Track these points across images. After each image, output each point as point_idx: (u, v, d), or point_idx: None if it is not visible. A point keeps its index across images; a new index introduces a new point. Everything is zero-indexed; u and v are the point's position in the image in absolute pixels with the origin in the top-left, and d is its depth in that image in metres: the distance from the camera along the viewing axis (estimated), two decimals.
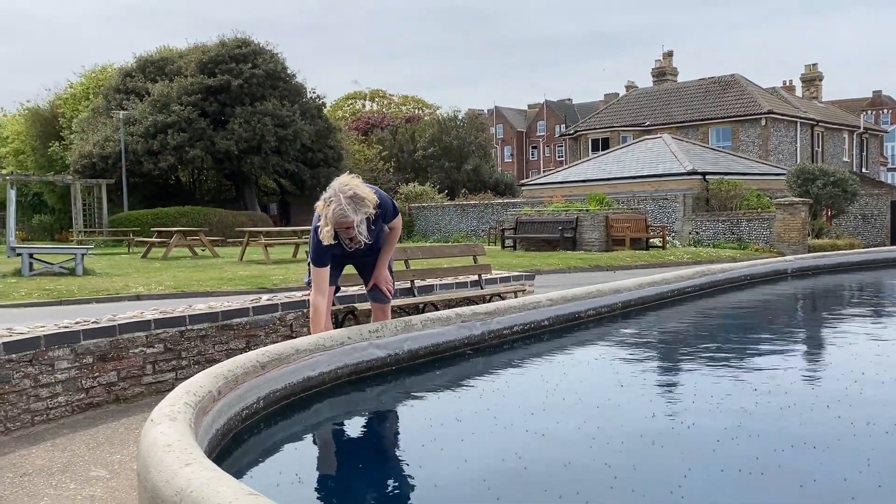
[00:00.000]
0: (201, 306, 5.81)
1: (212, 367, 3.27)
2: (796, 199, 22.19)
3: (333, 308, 5.42)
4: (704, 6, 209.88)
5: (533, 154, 79.39)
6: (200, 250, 20.46)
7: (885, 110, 65.16)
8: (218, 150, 30.71)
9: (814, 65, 43.98)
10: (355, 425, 3.87)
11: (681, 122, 36.60)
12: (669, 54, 43.60)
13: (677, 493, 2.67)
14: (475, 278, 7.57)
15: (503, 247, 22.74)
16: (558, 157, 70.01)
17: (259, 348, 3.70)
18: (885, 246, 23.51)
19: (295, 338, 4.43)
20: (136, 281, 12.60)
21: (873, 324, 6.72)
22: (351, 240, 4.17)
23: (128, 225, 27.57)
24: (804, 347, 5.76)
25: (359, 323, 5.71)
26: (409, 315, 5.54)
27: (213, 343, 5.49)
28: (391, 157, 43.52)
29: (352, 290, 6.25)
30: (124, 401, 5.02)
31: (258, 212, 33.63)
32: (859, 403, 3.75)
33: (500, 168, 60.33)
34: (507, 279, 8.05)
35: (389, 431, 3.81)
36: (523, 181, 37.29)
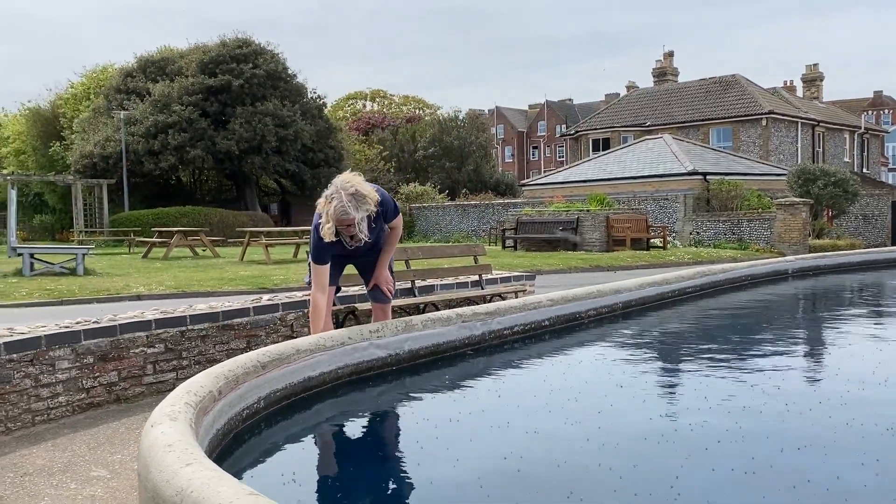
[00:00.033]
0: (202, 306, 5.81)
1: (212, 367, 3.28)
2: (797, 199, 22.18)
3: (334, 308, 5.42)
4: (705, 6, 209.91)
5: (534, 154, 79.38)
6: (201, 250, 20.47)
7: (886, 110, 65.12)
8: (219, 151, 30.74)
9: (815, 65, 43.97)
10: (356, 425, 3.88)
11: (681, 123, 36.59)
12: (670, 54, 43.59)
13: (677, 493, 2.67)
14: (476, 278, 7.57)
15: (504, 247, 22.74)
16: (559, 157, 70.01)
17: (260, 348, 3.70)
18: (885, 246, 23.50)
19: (296, 338, 4.44)
20: (136, 281, 12.61)
21: (874, 324, 6.73)
22: (352, 238, 4.18)
23: (129, 225, 27.60)
24: (804, 348, 5.76)
25: (359, 323, 5.72)
26: (410, 315, 5.54)
27: (213, 343, 5.49)
28: (392, 158, 43.54)
29: (352, 290, 6.25)
30: (125, 401, 5.02)
31: (259, 212, 33.65)
32: (860, 404, 3.75)
33: (500, 168, 60.34)
34: (508, 279, 8.05)
35: (390, 431, 3.82)
36: (524, 181, 37.28)
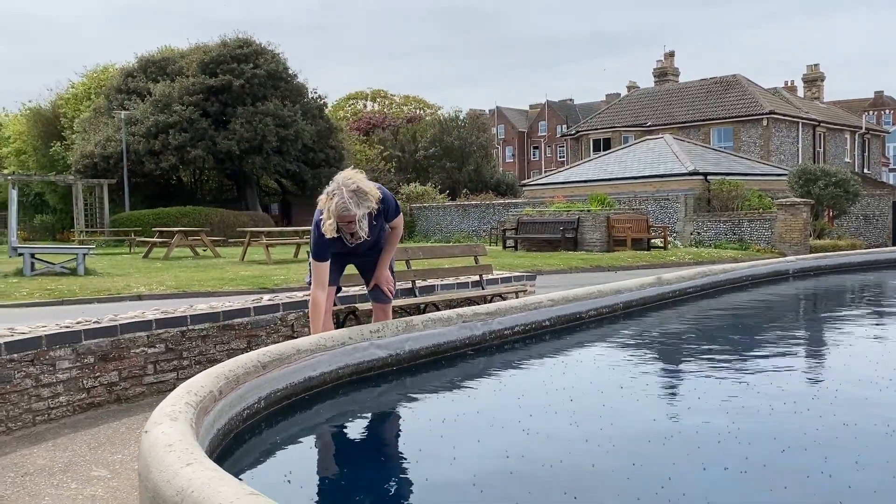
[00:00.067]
0: (203, 306, 5.81)
1: (213, 367, 3.27)
2: (798, 199, 22.17)
3: (335, 308, 5.42)
4: (706, 6, 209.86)
5: (534, 154, 79.36)
6: (202, 250, 20.47)
7: (887, 111, 65.09)
8: (219, 151, 30.74)
9: (815, 65, 43.95)
10: (356, 425, 3.87)
11: (682, 123, 36.59)
12: (671, 54, 43.59)
13: (678, 494, 2.67)
14: (476, 278, 7.57)
15: (504, 247, 22.74)
16: (560, 157, 69.99)
17: (260, 348, 3.70)
18: (886, 247, 23.49)
19: (296, 338, 4.44)
20: (137, 281, 12.61)
21: (875, 325, 6.72)
22: (352, 235, 4.18)
23: (129, 225, 27.61)
24: (805, 348, 5.76)
25: (360, 323, 5.72)
26: (411, 315, 5.54)
27: (214, 343, 5.49)
28: (392, 158, 43.54)
29: (353, 290, 6.25)
30: (125, 401, 5.02)
31: (259, 212, 33.66)
32: (861, 405, 3.75)
33: (501, 168, 60.32)
34: (509, 279, 8.04)
35: (390, 432, 3.81)
36: (525, 181, 37.28)
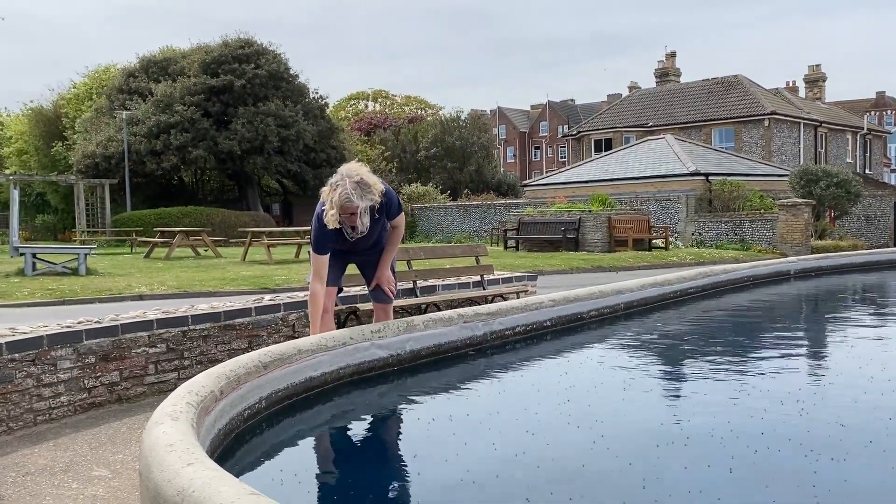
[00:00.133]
0: (204, 306, 5.81)
1: (214, 367, 3.27)
2: (799, 200, 22.15)
3: (336, 308, 5.42)
4: (707, 7, 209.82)
5: (536, 155, 79.34)
6: (203, 250, 20.48)
7: (889, 111, 65.05)
8: (221, 151, 30.76)
9: (817, 65, 43.90)
10: (357, 425, 3.87)
11: (684, 123, 36.57)
12: (672, 55, 43.57)
13: (679, 495, 2.66)
14: (477, 279, 7.57)
15: (506, 247, 22.74)
16: (561, 157, 69.99)
17: (261, 348, 3.70)
18: (888, 247, 23.46)
19: (297, 338, 4.43)
20: (138, 281, 12.62)
21: (877, 325, 6.71)
22: (353, 228, 4.18)
23: (131, 225, 27.64)
24: (807, 349, 5.75)
25: (361, 323, 5.72)
26: (412, 315, 5.54)
27: (215, 343, 5.49)
28: (394, 158, 43.55)
29: (354, 290, 6.25)
30: (127, 400, 5.02)
31: (261, 212, 33.68)
32: (862, 405, 3.74)
33: (502, 169, 60.29)
34: (510, 280, 8.04)
35: (391, 432, 3.81)
36: (526, 182, 37.27)
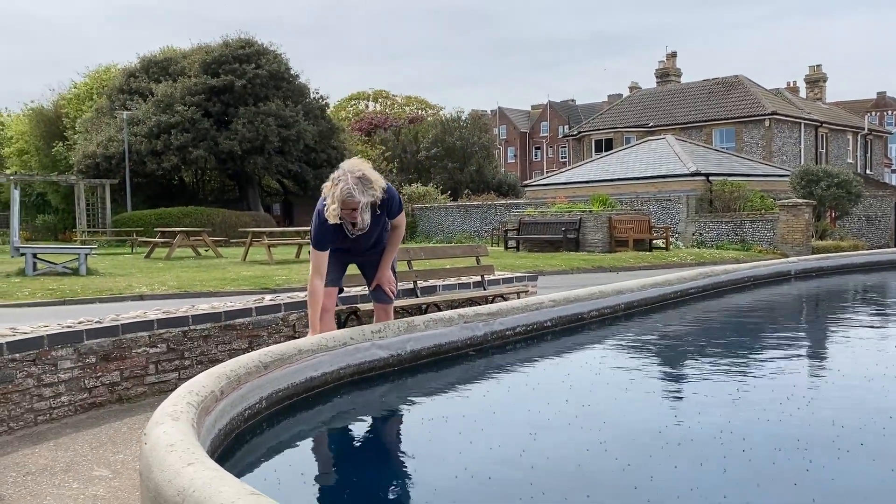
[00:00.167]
0: (204, 306, 5.81)
1: (214, 367, 3.27)
2: (800, 200, 22.14)
3: (336, 309, 5.42)
4: (708, 7, 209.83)
5: (536, 155, 79.34)
6: (203, 250, 20.48)
7: (890, 112, 65.03)
8: (221, 151, 30.77)
9: (818, 66, 43.88)
10: (357, 426, 3.87)
11: (684, 123, 36.56)
12: (673, 55, 43.56)
13: (680, 496, 2.66)
14: (478, 279, 7.57)
15: (506, 248, 22.74)
16: (561, 157, 69.97)
17: (262, 348, 3.70)
18: (889, 248, 23.46)
19: (298, 338, 4.43)
20: (139, 281, 12.62)
21: (877, 326, 6.71)
22: (353, 224, 4.18)
23: (131, 225, 27.64)
24: (807, 350, 5.75)
25: (361, 323, 5.71)
26: (412, 316, 5.54)
27: (215, 343, 5.49)
28: (394, 158, 43.55)
29: (355, 290, 6.25)
30: (127, 400, 5.02)
31: (261, 212, 33.70)
32: (864, 406, 3.74)
33: (503, 169, 60.30)
34: (510, 280, 8.04)
35: (391, 432, 3.81)
36: (526, 182, 37.27)
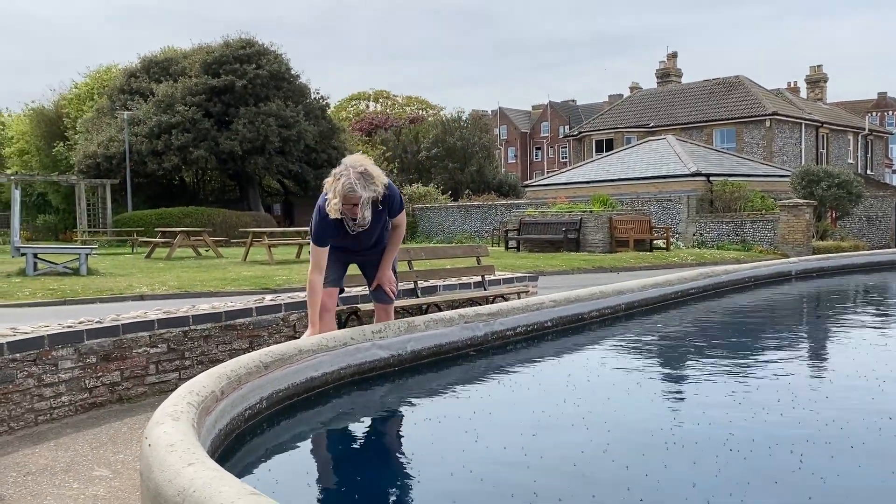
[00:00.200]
0: (205, 306, 5.81)
1: (215, 367, 3.27)
2: (801, 200, 22.13)
3: (337, 309, 5.42)
4: (709, 7, 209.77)
5: (537, 155, 79.34)
6: (204, 251, 20.49)
7: (891, 112, 65.00)
8: (222, 151, 30.77)
9: (818, 66, 43.87)
10: (358, 426, 3.87)
11: (685, 124, 36.56)
12: (674, 55, 43.56)
13: (680, 498, 2.66)
14: (478, 279, 7.56)
15: (507, 248, 22.74)
16: (562, 158, 69.96)
17: (262, 349, 3.70)
18: (889, 248, 23.45)
19: (298, 338, 4.43)
20: (139, 281, 12.62)
21: (878, 326, 6.71)
22: (354, 221, 4.18)
23: (132, 225, 27.65)
24: (808, 351, 5.75)
25: (362, 324, 5.71)
26: (413, 316, 5.54)
27: (216, 343, 5.49)
28: (395, 158, 43.57)
29: (355, 290, 6.25)
30: (128, 400, 5.02)
31: (262, 212, 33.70)
32: (865, 407, 3.74)
33: (503, 169, 60.30)
34: (511, 280, 8.04)
35: (392, 432, 3.81)
36: (527, 182, 37.26)
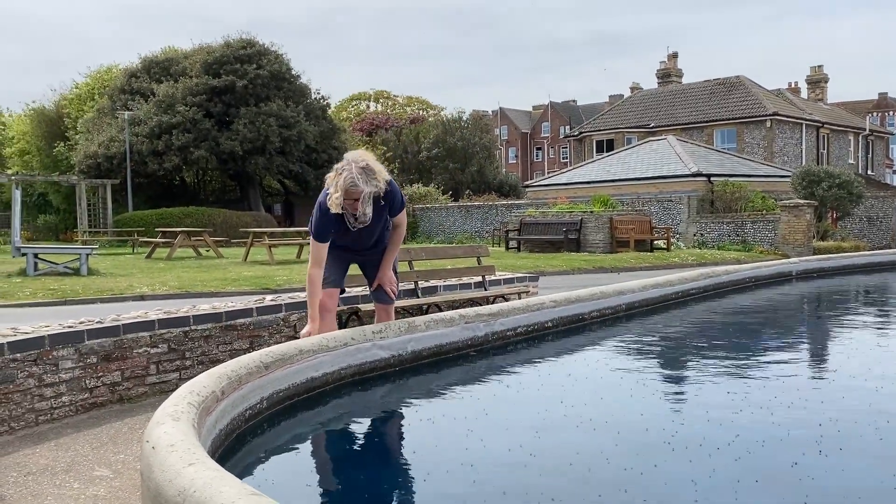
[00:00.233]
0: (205, 307, 5.81)
1: (215, 367, 3.27)
2: (801, 201, 22.12)
3: (338, 309, 5.42)
4: (709, 7, 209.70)
5: (537, 155, 79.33)
6: (204, 251, 20.49)
7: (891, 112, 64.98)
8: (222, 151, 30.78)
9: (819, 66, 43.85)
10: (358, 426, 3.87)
11: (685, 124, 36.55)
12: (674, 56, 43.56)
13: (681, 496, 2.66)
14: (479, 279, 7.56)
15: (507, 248, 22.74)
16: (563, 158, 69.95)
17: (263, 349, 3.70)
18: (890, 248, 23.43)
19: (299, 338, 4.43)
20: (140, 281, 12.63)
21: (879, 327, 6.70)
22: (355, 218, 4.18)
23: (132, 225, 27.65)
24: (809, 350, 5.75)
25: (363, 324, 5.71)
26: (413, 316, 5.54)
27: (216, 343, 5.49)
28: (395, 159, 43.56)
29: (356, 290, 6.25)
30: (128, 401, 5.02)
31: (262, 212, 33.70)
32: (865, 408, 3.73)
33: (504, 169, 60.31)
34: (511, 280, 8.03)
35: (392, 432, 3.81)
36: (528, 182, 37.27)
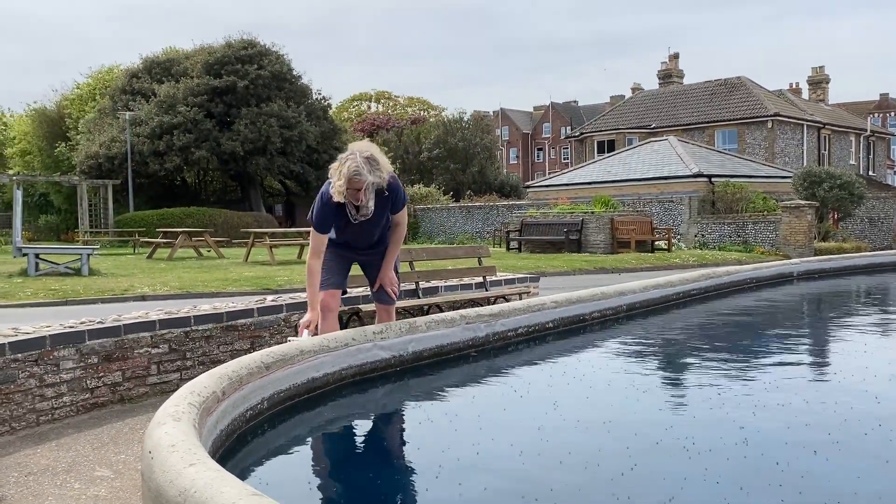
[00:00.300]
0: (206, 307, 5.82)
1: (216, 367, 3.27)
2: (802, 202, 22.12)
3: (339, 310, 5.42)
4: (710, 8, 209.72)
5: (538, 156, 79.33)
6: (206, 251, 20.50)
7: (893, 113, 64.97)
8: (223, 151, 30.79)
9: (820, 67, 43.85)
10: (359, 426, 3.87)
11: (687, 125, 36.55)
12: (675, 56, 43.57)
13: (681, 496, 2.66)
14: (480, 280, 7.56)
15: (508, 249, 22.75)
16: (564, 159, 69.94)
17: (264, 349, 3.70)
18: (891, 249, 23.42)
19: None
20: (141, 281, 12.63)
21: (880, 328, 6.70)
22: (357, 209, 4.18)
23: (133, 225, 27.67)
24: (809, 352, 5.74)
25: (363, 324, 5.72)
26: (414, 317, 5.54)
27: (217, 344, 5.50)
28: (396, 159, 43.51)
29: (356, 291, 6.25)
30: (129, 401, 5.03)
31: (263, 213, 33.72)
32: (866, 408, 3.73)
33: (505, 170, 60.27)
34: (512, 281, 8.03)
35: (393, 433, 3.81)
36: (529, 183, 37.27)
